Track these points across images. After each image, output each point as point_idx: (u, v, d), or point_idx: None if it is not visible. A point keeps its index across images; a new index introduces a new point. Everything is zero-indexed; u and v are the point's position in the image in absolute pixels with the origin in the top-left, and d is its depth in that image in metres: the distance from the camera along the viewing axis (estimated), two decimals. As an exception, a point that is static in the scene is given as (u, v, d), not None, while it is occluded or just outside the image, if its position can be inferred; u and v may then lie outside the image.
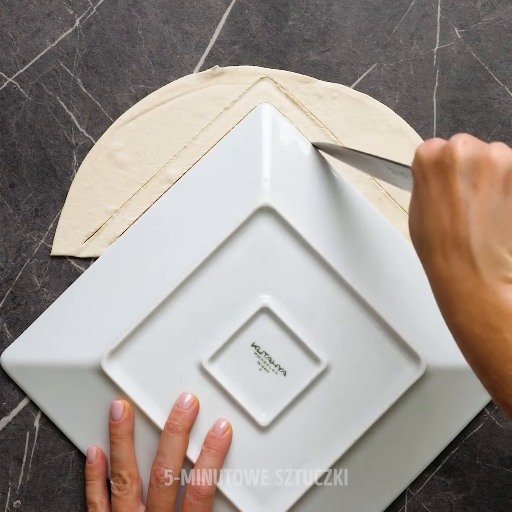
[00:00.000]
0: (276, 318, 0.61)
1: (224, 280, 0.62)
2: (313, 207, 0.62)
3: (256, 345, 0.61)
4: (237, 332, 0.61)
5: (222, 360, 0.61)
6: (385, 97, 0.65)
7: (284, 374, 0.61)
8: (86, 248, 0.65)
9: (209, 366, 0.61)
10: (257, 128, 0.63)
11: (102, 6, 0.65)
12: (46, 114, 0.65)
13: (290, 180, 0.62)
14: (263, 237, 0.62)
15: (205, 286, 0.61)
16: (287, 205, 0.62)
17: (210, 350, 0.61)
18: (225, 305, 0.62)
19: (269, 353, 0.61)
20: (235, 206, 0.62)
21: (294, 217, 0.61)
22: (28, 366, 0.63)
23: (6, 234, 0.65)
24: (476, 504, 0.64)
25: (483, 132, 0.65)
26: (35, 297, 0.65)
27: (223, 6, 0.65)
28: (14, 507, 0.65)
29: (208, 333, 0.61)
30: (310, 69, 0.65)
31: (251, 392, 0.62)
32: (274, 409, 0.61)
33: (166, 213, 0.63)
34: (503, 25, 0.65)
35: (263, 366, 0.61)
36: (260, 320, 0.61)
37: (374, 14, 0.66)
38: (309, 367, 0.61)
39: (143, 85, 0.65)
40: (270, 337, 0.61)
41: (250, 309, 0.61)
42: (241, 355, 0.61)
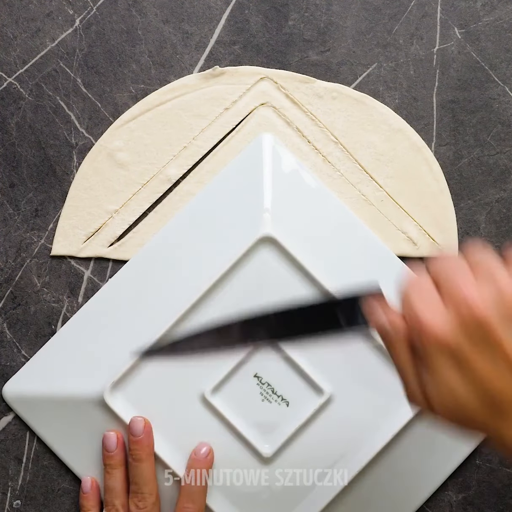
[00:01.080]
0: (279, 348, 0.61)
1: (226, 311, 0.61)
2: (315, 236, 0.62)
3: (259, 376, 0.61)
4: (239, 363, 0.61)
5: (224, 391, 0.61)
6: (385, 97, 0.65)
7: (287, 404, 0.61)
8: (86, 248, 0.65)
9: (211, 398, 0.61)
10: (258, 158, 0.63)
11: (102, 6, 0.65)
12: (46, 114, 0.65)
13: (292, 209, 0.62)
14: (265, 267, 0.61)
15: (207, 317, 0.61)
16: (289, 235, 0.61)
17: (213, 381, 0.61)
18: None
19: (271, 384, 0.61)
20: (237, 236, 0.62)
21: (295, 247, 0.61)
22: (30, 397, 0.63)
23: (6, 234, 0.65)
24: (476, 504, 0.64)
25: (483, 132, 0.65)
26: (35, 297, 0.65)
27: (223, 6, 0.65)
28: (14, 507, 0.65)
29: (210, 364, 0.61)
30: (310, 69, 0.65)
31: (254, 423, 0.61)
32: (277, 440, 0.61)
33: (167, 243, 0.63)
34: (503, 25, 0.65)
35: (265, 397, 0.61)
36: (263, 351, 0.61)
37: (374, 14, 0.66)
38: (312, 397, 0.61)
39: (143, 85, 0.65)
40: (272, 368, 0.61)
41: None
42: (243, 386, 0.61)
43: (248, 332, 0.47)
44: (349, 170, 0.65)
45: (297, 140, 0.65)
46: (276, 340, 0.47)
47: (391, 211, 0.65)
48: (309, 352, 0.61)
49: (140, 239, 0.65)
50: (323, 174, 0.65)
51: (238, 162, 0.64)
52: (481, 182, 0.65)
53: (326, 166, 0.65)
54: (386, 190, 0.65)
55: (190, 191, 0.65)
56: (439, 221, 0.65)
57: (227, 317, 0.48)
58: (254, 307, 0.50)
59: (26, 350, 0.65)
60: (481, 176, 0.65)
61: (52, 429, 0.63)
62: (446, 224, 0.65)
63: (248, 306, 0.60)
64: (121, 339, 0.62)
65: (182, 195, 0.65)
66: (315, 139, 0.65)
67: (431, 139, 0.65)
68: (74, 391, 0.62)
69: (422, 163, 0.65)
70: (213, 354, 0.48)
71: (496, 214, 0.65)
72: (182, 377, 0.61)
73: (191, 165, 0.65)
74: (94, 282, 0.65)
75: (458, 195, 0.65)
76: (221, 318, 0.48)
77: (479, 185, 0.65)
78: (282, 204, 0.62)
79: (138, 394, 0.62)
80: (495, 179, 0.65)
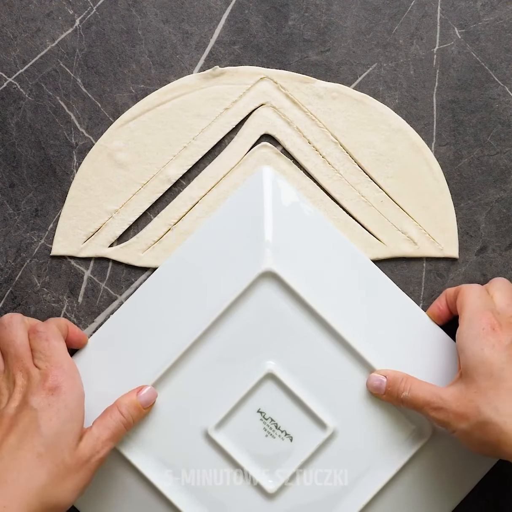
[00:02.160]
0: (282, 384, 0.61)
1: (228, 346, 0.61)
2: (317, 269, 0.62)
3: (262, 411, 0.61)
4: (243, 399, 0.61)
5: (228, 427, 0.61)
6: (385, 97, 0.65)
7: (290, 440, 0.61)
8: (86, 248, 0.65)
9: (215, 434, 0.61)
10: (258, 191, 0.63)
11: (102, 6, 0.65)
12: (46, 114, 0.65)
13: (293, 243, 0.62)
14: (266, 302, 0.61)
15: (209, 353, 0.61)
16: (290, 269, 0.61)
17: (216, 417, 0.61)
18: (230, 371, 0.61)
19: (275, 419, 0.61)
20: (238, 271, 0.61)
21: (297, 281, 0.61)
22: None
23: (6, 234, 0.65)
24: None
25: (483, 132, 0.65)
26: (35, 297, 0.65)
27: (223, 6, 0.65)
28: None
29: (214, 400, 0.61)
30: (310, 69, 0.65)
31: (258, 458, 0.61)
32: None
33: (168, 278, 0.63)
34: (503, 25, 0.65)
35: (269, 432, 0.61)
36: (266, 386, 0.61)
37: (374, 14, 0.66)
38: (316, 432, 0.61)
39: (143, 85, 0.65)
40: (275, 403, 0.61)
41: (255, 375, 0.61)
42: (247, 421, 0.61)
43: None
44: (349, 171, 0.65)
45: (297, 140, 0.65)
46: None
47: (391, 211, 0.65)
48: (312, 385, 0.61)
49: (144, 244, 0.65)
50: (323, 175, 0.65)
51: (238, 196, 0.64)
52: (481, 182, 0.65)
53: (326, 167, 0.65)
54: (386, 190, 0.65)
55: (193, 196, 0.65)
56: (439, 221, 0.65)
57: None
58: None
59: (26, 350, 0.65)
60: (481, 176, 0.65)
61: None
62: (446, 224, 0.65)
63: (249, 341, 0.61)
64: (122, 377, 0.62)
65: (185, 200, 0.65)
66: (315, 139, 0.65)
67: (431, 139, 0.65)
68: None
69: (422, 163, 0.65)
70: None
71: (496, 214, 0.65)
72: (185, 413, 0.61)
73: (191, 165, 0.65)
74: (94, 282, 0.65)
75: (458, 195, 0.65)
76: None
77: (479, 185, 0.65)
78: (283, 237, 0.62)
79: (141, 430, 0.61)
80: (495, 179, 0.65)
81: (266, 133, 0.65)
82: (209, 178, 0.65)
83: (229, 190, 0.65)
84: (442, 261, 0.65)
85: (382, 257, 0.65)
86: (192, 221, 0.65)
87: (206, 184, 0.65)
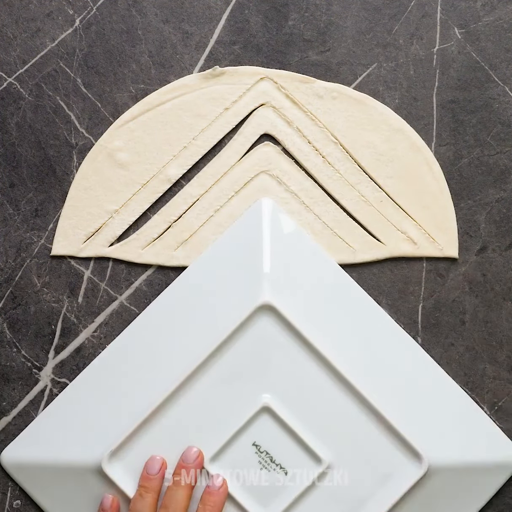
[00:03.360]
0: (277, 417, 0.61)
1: (225, 379, 0.61)
2: (315, 302, 0.62)
3: (257, 444, 0.61)
4: (238, 432, 0.61)
5: (223, 460, 0.61)
6: (385, 97, 0.65)
7: (285, 473, 0.61)
8: (86, 248, 0.65)
9: (210, 466, 0.61)
10: (257, 223, 0.63)
11: (102, 6, 0.65)
12: (46, 114, 0.65)
13: (291, 275, 0.62)
14: (263, 335, 0.61)
15: (205, 385, 0.61)
16: (288, 302, 0.62)
17: (211, 450, 0.61)
18: (226, 404, 0.61)
19: (270, 453, 0.61)
20: (236, 304, 0.62)
21: (294, 314, 0.61)
22: (29, 465, 0.63)
23: (6, 234, 0.65)
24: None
25: (483, 132, 0.65)
26: (35, 297, 0.65)
27: (223, 6, 0.65)
28: (14, 507, 0.65)
29: (209, 433, 0.61)
30: (310, 69, 0.65)
31: (253, 491, 0.61)
32: (276, 509, 0.61)
33: (166, 309, 0.63)
34: (503, 25, 0.65)
35: (264, 466, 0.61)
36: (261, 419, 0.61)
37: (374, 14, 0.66)
38: (311, 466, 0.61)
39: (143, 85, 0.65)
40: (271, 436, 0.61)
41: (251, 408, 0.61)
42: (242, 454, 0.61)
43: None
44: (349, 171, 0.65)
45: (297, 140, 0.65)
46: None
47: (391, 211, 0.65)
48: (308, 419, 0.61)
49: (144, 241, 0.65)
50: (323, 175, 0.65)
51: (236, 227, 0.64)
52: (481, 182, 0.65)
53: (326, 167, 0.65)
54: (386, 190, 0.65)
55: (193, 194, 0.65)
56: (439, 221, 0.65)
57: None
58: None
59: (26, 350, 0.65)
60: (481, 176, 0.65)
61: (51, 496, 0.63)
62: (446, 224, 0.65)
63: (245, 374, 0.61)
64: (119, 408, 0.62)
65: (185, 198, 0.65)
66: (315, 139, 0.65)
67: (431, 139, 0.65)
68: (72, 459, 0.62)
69: (422, 163, 0.65)
70: None
71: (496, 214, 0.65)
72: (180, 445, 0.61)
73: (191, 165, 0.65)
74: (94, 282, 0.65)
75: (458, 195, 0.65)
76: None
77: (479, 185, 0.65)
78: (281, 270, 0.62)
79: (136, 462, 0.61)
80: (495, 179, 0.65)
81: (266, 132, 0.65)
82: (209, 176, 0.65)
83: (230, 187, 0.65)
84: (442, 261, 0.65)
85: (382, 257, 0.65)
86: (193, 218, 0.65)
87: (206, 182, 0.65)
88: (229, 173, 0.65)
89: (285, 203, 0.65)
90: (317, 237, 0.64)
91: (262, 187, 0.65)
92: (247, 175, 0.65)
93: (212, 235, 0.65)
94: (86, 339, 0.65)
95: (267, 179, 0.65)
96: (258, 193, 0.65)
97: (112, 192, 0.65)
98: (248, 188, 0.65)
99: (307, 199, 0.65)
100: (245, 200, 0.65)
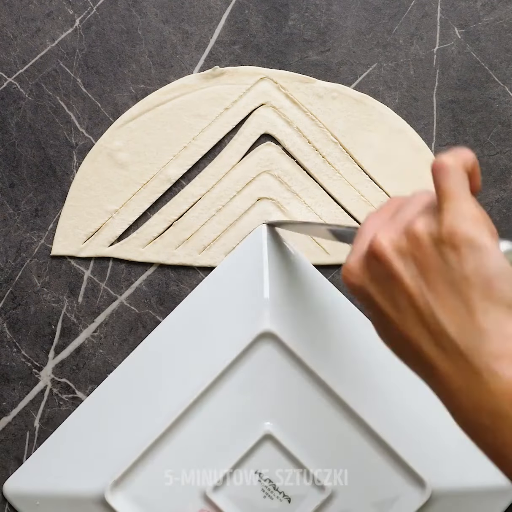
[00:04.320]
0: (280, 445, 0.61)
1: (226, 407, 0.61)
2: (315, 328, 0.62)
3: (260, 473, 0.61)
4: (241, 460, 0.61)
5: (226, 489, 0.61)
6: (385, 97, 0.65)
7: (288, 501, 0.61)
8: (86, 248, 0.65)
9: (213, 495, 0.61)
10: (257, 250, 0.63)
11: (102, 6, 0.65)
12: (46, 114, 0.65)
13: (292, 301, 0.62)
14: (264, 362, 0.61)
15: (207, 414, 0.61)
16: (288, 329, 0.62)
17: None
18: (228, 433, 0.61)
19: (273, 480, 0.61)
20: (237, 332, 0.62)
21: (296, 341, 0.61)
22: (31, 496, 0.63)
23: (6, 234, 0.65)
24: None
25: (483, 132, 0.65)
26: (35, 297, 0.65)
27: (223, 6, 0.65)
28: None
29: (212, 461, 0.61)
30: (310, 69, 0.65)
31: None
32: None
33: (166, 337, 0.63)
34: (503, 25, 0.65)
35: (267, 494, 0.61)
36: (264, 447, 0.61)
37: (374, 14, 0.66)
38: (314, 493, 0.61)
39: (143, 85, 0.65)
40: (273, 464, 0.61)
41: (253, 436, 0.61)
42: (245, 483, 0.61)
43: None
44: (349, 171, 0.65)
45: (297, 140, 0.65)
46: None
47: (391, 211, 0.65)
48: (310, 446, 0.61)
49: (144, 240, 0.65)
50: (323, 175, 0.65)
51: (237, 254, 0.64)
52: (481, 182, 0.65)
53: (326, 167, 0.65)
54: (386, 190, 0.65)
55: (194, 194, 0.65)
56: (439, 221, 0.65)
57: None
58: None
59: (26, 350, 0.65)
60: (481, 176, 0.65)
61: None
62: (446, 224, 0.65)
63: (247, 402, 0.61)
64: (121, 438, 0.62)
65: (186, 197, 0.65)
66: (315, 139, 0.65)
67: (431, 139, 0.65)
68: (75, 489, 0.62)
69: (422, 163, 0.65)
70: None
71: (496, 214, 0.65)
72: (183, 475, 0.61)
73: (191, 165, 0.65)
74: (94, 282, 0.65)
75: (458, 195, 0.65)
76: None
77: (479, 185, 0.65)
78: (282, 296, 0.62)
79: (139, 492, 0.61)
80: (495, 179, 0.65)
81: (266, 132, 0.65)
82: (210, 176, 0.65)
83: (232, 187, 0.65)
84: (442, 261, 0.65)
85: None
86: (194, 217, 0.65)
87: (208, 182, 0.65)
88: (231, 173, 0.65)
89: (286, 203, 0.65)
90: (318, 239, 0.64)
91: (264, 187, 0.65)
92: (249, 175, 0.65)
93: (213, 234, 0.65)
94: (86, 339, 0.65)
95: (269, 179, 0.65)
96: (259, 193, 0.65)
97: (112, 192, 0.65)
98: (250, 188, 0.65)
99: (308, 199, 0.65)
100: (247, 200, 0.65)
